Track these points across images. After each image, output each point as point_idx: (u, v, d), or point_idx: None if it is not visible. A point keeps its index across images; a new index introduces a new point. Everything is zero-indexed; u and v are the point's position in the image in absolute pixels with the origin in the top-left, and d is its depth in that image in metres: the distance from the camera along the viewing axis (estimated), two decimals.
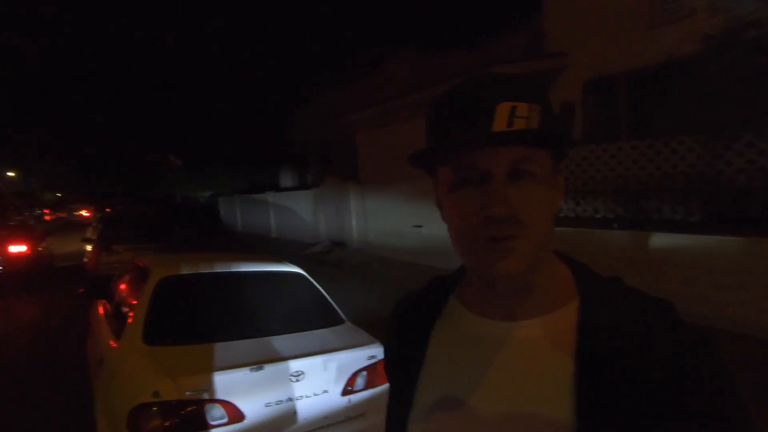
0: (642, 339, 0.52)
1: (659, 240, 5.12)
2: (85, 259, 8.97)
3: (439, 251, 8.62)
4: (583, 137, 7.10)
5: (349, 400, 2.46)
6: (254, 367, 2.16)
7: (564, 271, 0.63)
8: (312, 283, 3.19)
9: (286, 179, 19.97)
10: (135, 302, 2.63)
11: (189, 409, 1.99)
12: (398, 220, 9.80)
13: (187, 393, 2.00)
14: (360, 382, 2.51)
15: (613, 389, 0.51)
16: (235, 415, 2.07)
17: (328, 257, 11.06)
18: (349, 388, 2.47)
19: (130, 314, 2.57)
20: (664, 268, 4.97)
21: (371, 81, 12.94)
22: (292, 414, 2.25)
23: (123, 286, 3.32)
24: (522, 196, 0.53)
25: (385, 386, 2.61)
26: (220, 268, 2.99)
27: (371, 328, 2.92)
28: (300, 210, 14.30)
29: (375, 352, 2.59)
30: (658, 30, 6.31)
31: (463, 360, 0.62)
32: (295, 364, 2.29)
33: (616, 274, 0.63)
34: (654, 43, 6.24)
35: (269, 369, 2.20)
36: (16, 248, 8.35)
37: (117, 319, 2.87)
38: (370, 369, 2.54)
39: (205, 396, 2.02)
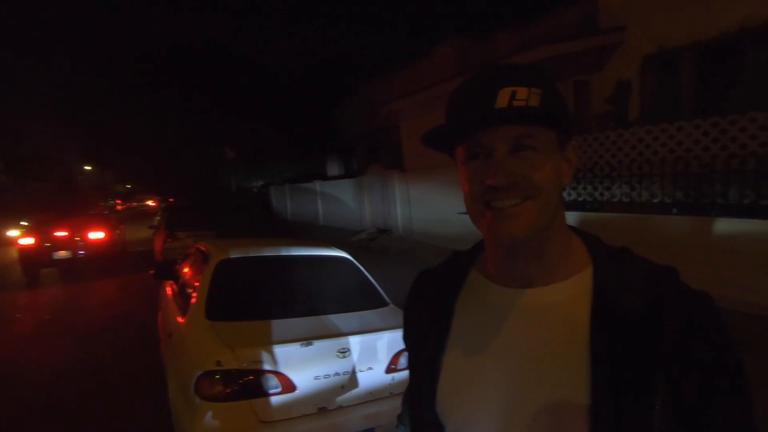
0: (652, 302, 0.56)
1: (724, 226, 4.77)
2: (154, 245, 9.76)
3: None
4: (640, 117, 6.69)
5: (393, 378, 2.57)
6: (304, 342, 2.33)
7: (576, 240, 0.68)
8: (358, 267, 3.33)
9: (333, 168, 20.38)
10: (198, 283, 2.89)
11: (247, 377, 2.19)
12: (442, 208, 9.77)
13: (245, 363, 2.19)
14: (403, 361, 2.61)
15: (626, 349, 0.54)
16: (288, 385, 2.25)
17: (373, 244, 11.26)
18: (393, 366, 2.58)
19: (194, 293, 2.83)
20: (730, 256, 4.64)
21: (417, 69, 12.84)
22: (339, 387, 2.39)
23: (187, 268, 3.63)
24: (523, 166, 0.59)
25: None
26: (273, 252, 3.19)
27: None
28: (346, 198, 14.60)
29: None
30: (713, 3, 5.78)
31: (486, 327, 0.67)
32: (341, 342, 2.43)
33: (676, 263, 0.63)
34: (725, 9, 5.72)
35: (318, 345, 2.36)
36: (95, 235, 9.23)
37: (183, 298, 3.16)
38: None
39: (262, 367, 2.21)
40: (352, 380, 2.43)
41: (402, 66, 13.76)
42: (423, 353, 0.73)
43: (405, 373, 2.60)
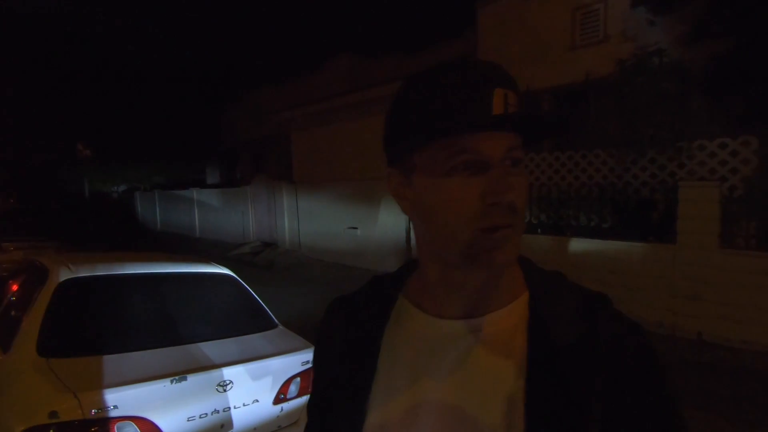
0: (588, 332, 0.53)
1: (576, 245, 5.55)
2: None
3: (374, 253, 8.64)
4: None
5: (282, 409, 2.32)
6: (175, 378, 1.95)
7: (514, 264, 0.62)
8: (241, 285, 2.99)
9: (213, 176, 18.87)
10: (28, 308, 2.27)
11: (94, 429, 1.74)
12: (332, 222, 9.67)
13: (93, 411, 1.74)
14: (293, 389, 2.38)
15: (562, 383, 0.51)
16: None
17: (257, 258, 10.60)
18: (282, 395, 2.33)
19: (23, 321, 2.21)
20: (580, 271, 5.40)
21: (309, 80, 12.70)
22: (218, 427, 2.06)
23: (14, 288, 2.87)
24: (518, 183, 0.52)
25: None
26: (133, 270, 2.68)
27: (305, 332, 2.80)
28: (228, 209, 13.59)
29: (309, 356, 2.47)
30: (578, 52, 6.88)
31: (419, 365, 0.58)
32: (222, 373, 2.10)
33: None
34: (574, 63, 6.79)
35: (193, 379, 2.00)
36: None
37: (4, 327, 2.46)
38: (304, 375, 2.42)
39: (115, 413, 1.78)
40: (234, 417, 2.12)
41: (293, 75, 13.48)
42: (340, 397, 0.62)
43: (296, 402, 2.38)
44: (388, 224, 8.48)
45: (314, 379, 0.72)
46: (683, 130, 4.78)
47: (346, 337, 0.65)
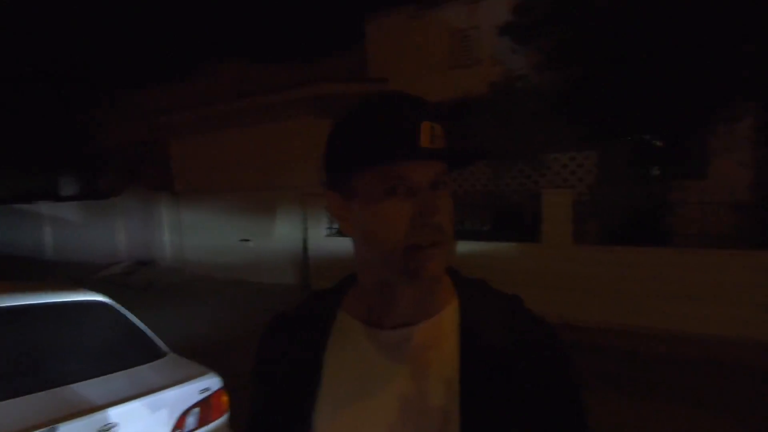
0: (510, 332, 0.62)
1: (461, 247, 6.08)
2: None
3: (270, 266, 8.32)
4: None
5: None
6: (44, 429, 1.66)
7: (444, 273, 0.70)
8: (118, 311, 2.64)
9: (70, 187, 16.28)
10: None
11: None
12: (222, 235, 9.07)
13: None
14: (191, 421, 2.18)
15: (492, 382, 0.58)
16: None
17: (131, 279, 9.42)
18: (178, 430, 2.12)
19: None
20: (466, 270, 5.91)
21: (191, 85, 11.75)
22: None
23: None
24: (442, 206, 0.58)
25: (223, 418, 2.35)
26: None
27: (199, 356, 2.59)
28: (92, 224, 11.84)
29: (208, 383, 2.30)
30: (459, 71, 7.58)
31: (364, 376, 0.62)
32: (105, 415, 1.84)
33: None
34: (456, 81, 7.46)
35: (67, 428, 1.72)
36: None
37: None
38: (203, 404, 2.24)
39: None
40: None
41: (173, 78, 12.35)
42: (285, 415, 0.64)
43: None
44: (284, 236, 8.26)
45: (253, 400, 0.71)
46: (544, 145, 5.58)
47: (289, 354, 0.67)
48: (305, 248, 7.95)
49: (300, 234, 7.98)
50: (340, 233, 7.36)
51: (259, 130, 8.29)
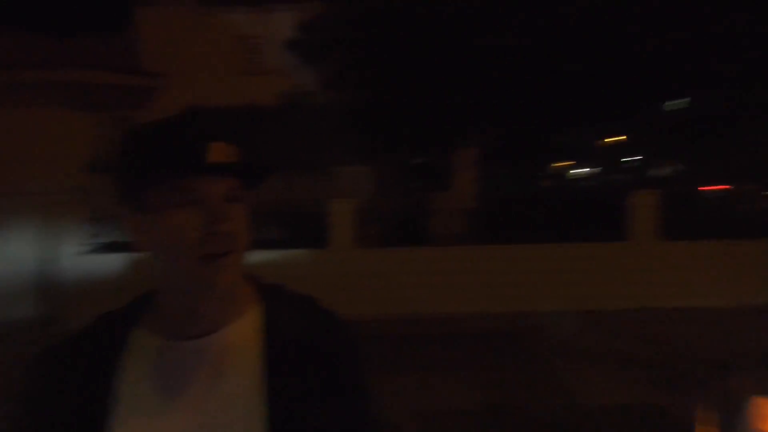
0: (309, 326, 0.69)
1: (257, 255, 5.98)
2: None
3: None
4: None
5: None
6: None
7: (241, 279, 0.74)
8: None
9: None
10: None
11: None
12: None
13: None
14: None
15: (296, 376, 0.64)
16: None
17: None
18: None
19: None
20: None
21: None
22: None
23: None
24: (235, 216, 0.63)
25: None
26: None
27: None
28: None
29: None
30: (246, 79, 7.46)
31: (167, 390, 0.62)
32: None
33: None
34: (242, 88, 7.32)
35: None
36: None
37: None
38: None
39: None
40: None
41: None
42: None
43: None
44: (16, 255, 6.36)
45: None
46: (332, 158, 6.08)
47: (69, 387, 0.62)
48: (49, 270, 6.33)
49: (42, 252, 6.32)
50: (103, 249, 6.19)
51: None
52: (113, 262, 5.91)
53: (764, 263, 5.70)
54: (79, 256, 6.26)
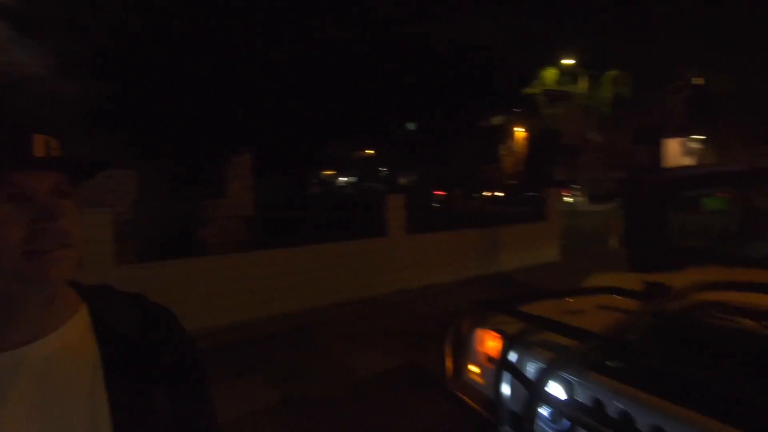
0: (143, 326, 0.69)
1: None
2: None
3: None
4: None
5: None
6: None
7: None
8: None
9: None
10: None
11: None
12: None
13: None
14: None
15: (133, 371, 0.64)
16: None
17: None
18: None
19: None
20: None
21: None
22: None
23: None
24: (66, 212, 0.60)
25: None
26: None
27: None
28: None
29: None
30: None
31: (6, 410, 0.55)
32: None
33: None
34: None
35: None
36: None
37: None
38: None
39: None
40: None
41: None
42: None
43: None
44: None
45: None
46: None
47: None
48: None
49: None
50: None
51: None
52: None
53: (476, 247, 7.83)
54: None
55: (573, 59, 20.93)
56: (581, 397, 1.42)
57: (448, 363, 2.10)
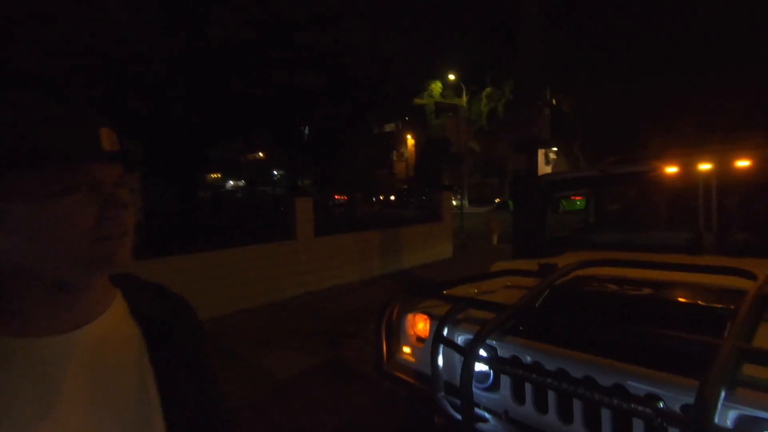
0: (169, 312, 0.76)
1: None
2: None
3: None
4: None
5: None
6: None
7: None
8: None
9: None
10: None
11: None
12: None
13: None
14: None
15: (170, 353, 0.71)
16: None
17: None
18: None
19: None
20: None
21: None
22: None
23: None
24: (128, 201, 0.64)
25: None
26: None
27: None
28: None
29: None
30: None
31: (48, 389, 0.58)
32: None
33: None
34: None
35: None
36: None
37: None
38: None
39: None
40: None
41: None
42: None
43: None
44: None
45: None
46: None
47: None
48: None
49: None
50: None
51: None
52: None
53: (378, 247, 8.19)
54: None
55: (455, 75, 23.06)
56: (503, 354, 1.75)
57: (383, 348, 2.31)
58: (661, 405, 1.18)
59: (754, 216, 2.44)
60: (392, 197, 27.04)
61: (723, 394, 1.12)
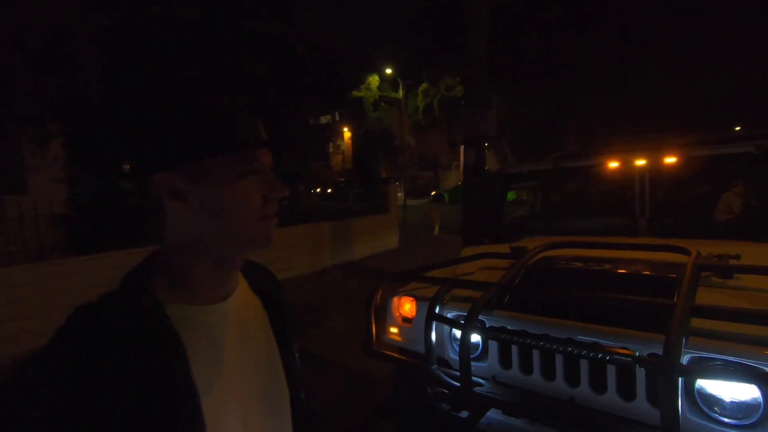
0: (273, 280, 0.90)
1: None
2: None
3: None
4: None
5: None
6: None
7: None
8: None
9: None
10: None
11: None
12: None
13: None
14: None
15: (280, 320, 0.83)
16: None
17: None
18: None
19: None
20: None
21: None
22: None
23: None
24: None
25: None
26: None
27: None
28: None
29: None
30: None
31: (223, 355, 0.68)
32: None
33: None
34: None
35: None
36: None
37: None
38: None
39: None
40: None
41: None
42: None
43: None
44: None
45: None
46: None
47: (138, 377, 0.56)
48: None
49: None
50: None
51: None
52: None
53: (328, 239, 8.24)
54: None
55: (392, 70, 23.41)
56: (493, 326, 1.99)
57: (372, 329, 2.46)
58: (637, 353, 1.46)
59: (679, 203, 2.93)
60: (329, 190, 26.89)
61: (684, 341, 1.43)
